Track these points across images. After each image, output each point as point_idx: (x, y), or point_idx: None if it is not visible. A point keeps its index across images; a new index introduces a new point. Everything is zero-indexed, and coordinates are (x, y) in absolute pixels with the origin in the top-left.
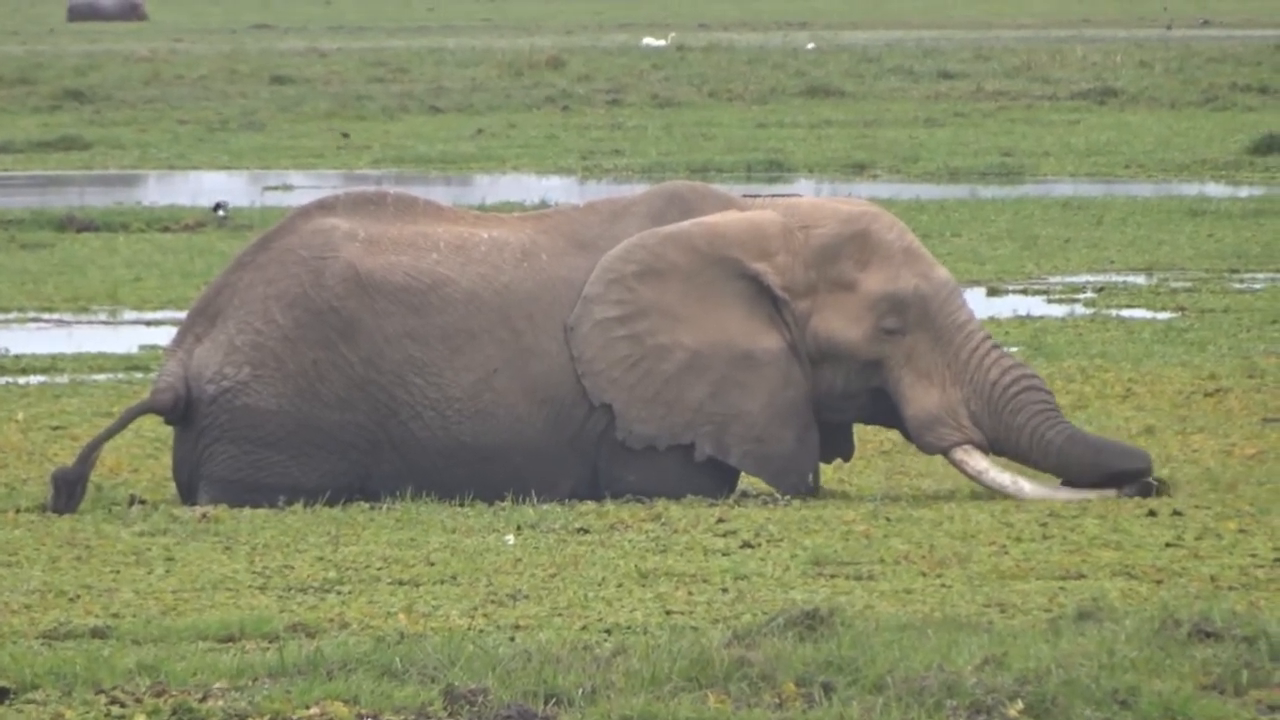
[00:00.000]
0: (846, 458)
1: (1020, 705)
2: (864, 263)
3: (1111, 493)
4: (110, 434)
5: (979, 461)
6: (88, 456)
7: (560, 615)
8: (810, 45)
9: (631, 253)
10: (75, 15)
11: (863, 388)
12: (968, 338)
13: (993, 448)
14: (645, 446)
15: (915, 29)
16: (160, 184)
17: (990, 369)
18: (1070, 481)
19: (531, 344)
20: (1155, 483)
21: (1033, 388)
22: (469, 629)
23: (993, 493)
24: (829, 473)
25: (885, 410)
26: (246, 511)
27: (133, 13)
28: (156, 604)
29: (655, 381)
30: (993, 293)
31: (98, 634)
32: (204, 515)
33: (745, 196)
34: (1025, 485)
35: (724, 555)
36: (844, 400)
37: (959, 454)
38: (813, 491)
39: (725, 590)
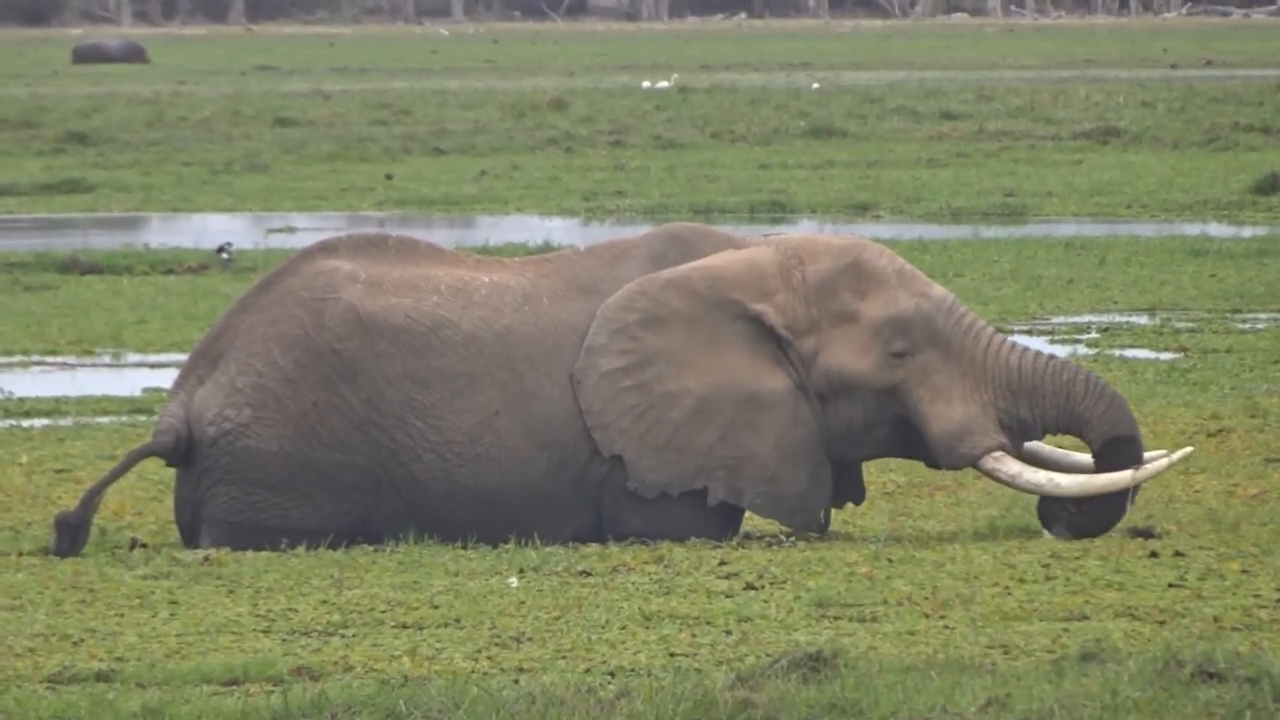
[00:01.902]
0: (858, 501)
1: None
2: (861, 292)
3: (1128, 475)
4: (113, 478)
5: (1011, 466)
6: (90, 501)
7: (564, 658)
8: (815, 85)
9: (633, 301)
10: (80, 58)
11: (882, 417)
12: (976, 339)
13: (1036, 430)
14: (658, 495)
15: (918, 70)
16: (164, 226)
17: (1008, 357)
18: (1108, 434)
19: (533, 387)
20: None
21: (1055, 357)
22: (473, 672)
23: (1029, 493)
24: (833, 514)
25: (911, 438)
26: (249, 554)
27: (137, 55)
28: (160, 647)
29: (665, 429)
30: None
31: (102, 677)
32: (206, 558)
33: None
34: (1062, 481)
35: (727, 597)
36: (866, 434)
37: (990, 462)
38: (824, 529)
39: (729, 632)
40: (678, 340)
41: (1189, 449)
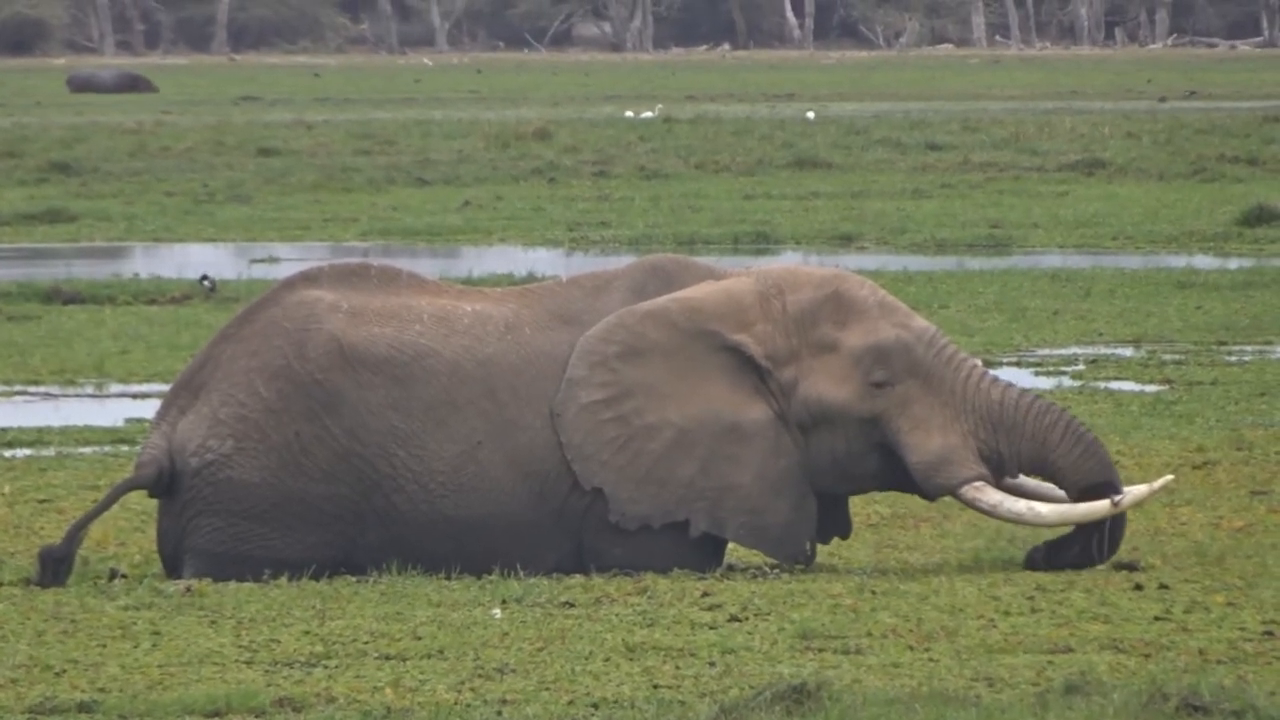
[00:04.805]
0: (844, 536)
1: None
2: (842, 322)
3: (1107, 504)
4: (98, 512)
5: (992, 495)
6: (75, 535)
7: (547, 689)
8: (810, 114)
9: (612, 333)
10: (75, 87)
11: (865, 448)
12: (957, 369)
13: (1011, 468)
14: (640, 526)
15: (903, 101)
16: (147, 256)
17: (990, 391)
18: (1081, 483)
19: (515, 417)
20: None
21: (1040, 399)
22: (456, 703)
23: (1010, 524)
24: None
25: (899, 471)
26: (231, 585)
27: (133, 85)
28: (143, 678)
29: (645, 461)
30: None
31: (84, 709)
32: (188, 589)
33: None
34: (1042, 510)
35: (711, 629)
36: (851, 466)
37: (970, 492)
38: (810, 561)
39: (712, 664)
40: (657, 372)
41: (1170, 477)
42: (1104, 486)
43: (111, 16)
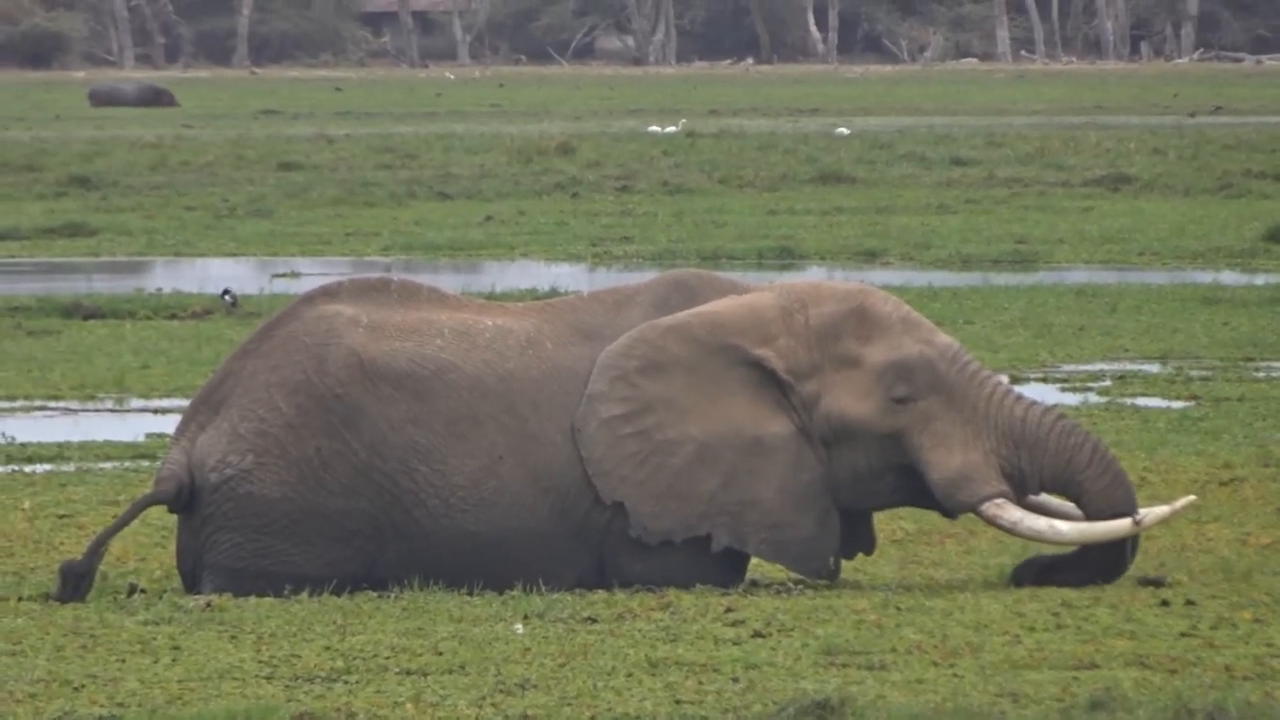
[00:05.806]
0: (869, 551)
1: None
2: (865, 337)
3: (1129, 523)
4: (119, 527)
5: (1013, 513)
6: (96, 550)
7: (569, 705)
8: (842, 130)
9: (633, 348)
10: (98, 101)
11: (887, 464)
12: (980, 386)
13: (1033, 486)
14: (661, 542)
15: (927, 115)
16: (167, 271)
17: (1014, 408)
18: (1105, 511)
19: (536, 431)
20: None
21: (1066, 418)
22: (477, 719)
23: (1031, 541)
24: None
25: (922, 487)
26: (251, 600)
27: (155, 98)
28: (162, 693)
29: (666, 476)
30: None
31: None
32: (208, 604)
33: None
34: (1062, 528)
35: (734, 644)
36: (873, 481)
37: (991, 509)
38: (834, 576)
39: (736, 680)
40: (678, 387)
41: (1191, 497)
42: (1124, 516)
43: (132, 29)
